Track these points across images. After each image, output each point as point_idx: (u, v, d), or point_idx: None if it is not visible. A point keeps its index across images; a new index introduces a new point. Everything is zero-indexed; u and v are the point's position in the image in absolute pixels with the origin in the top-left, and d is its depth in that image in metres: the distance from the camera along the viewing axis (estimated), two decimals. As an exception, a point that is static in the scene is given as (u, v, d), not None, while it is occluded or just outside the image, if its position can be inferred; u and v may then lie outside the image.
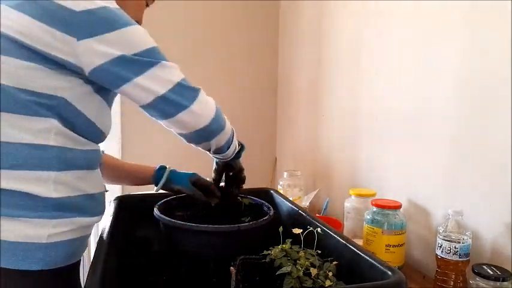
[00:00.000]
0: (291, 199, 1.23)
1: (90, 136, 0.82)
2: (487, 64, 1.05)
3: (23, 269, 0.72)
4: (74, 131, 0.78)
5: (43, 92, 0.73)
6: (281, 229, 0.85)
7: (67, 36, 0.71)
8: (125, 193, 1.89)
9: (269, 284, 0.75)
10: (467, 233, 1.03)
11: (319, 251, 0.80)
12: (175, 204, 1.06)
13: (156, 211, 0.95)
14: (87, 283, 0.66)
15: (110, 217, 0.97)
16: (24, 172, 0.72)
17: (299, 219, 1.01)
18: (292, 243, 0.82)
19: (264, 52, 2.34)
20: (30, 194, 0.72)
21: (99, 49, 0.73)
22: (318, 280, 0.72)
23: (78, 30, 0.72)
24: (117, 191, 2.01)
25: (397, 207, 1.18)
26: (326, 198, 1.69)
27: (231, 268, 0.79)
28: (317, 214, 1.61)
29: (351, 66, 1.65)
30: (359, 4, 1.59)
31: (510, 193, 0.99)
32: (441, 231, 1.06)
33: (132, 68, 0.77)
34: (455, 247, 1.02)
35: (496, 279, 0.92)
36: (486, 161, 1.06)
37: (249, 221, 0.94)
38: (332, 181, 1.81)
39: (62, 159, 0.76)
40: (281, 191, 1.67)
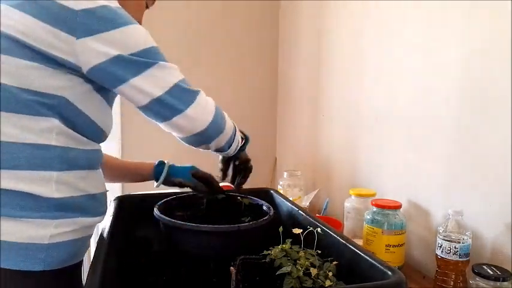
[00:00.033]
0: (291, 199, 1.23)
1: (91, 135, 0.82)
2: (487, 64, 1.05)
3: (25, 270, 0.72)
4: (76, 131, 0.78)
5: (44, 92, 0.73)
6: (281, 229, 0.85)
7: (67, 35, 0.71)
8: (125, 193, 1.90)
9: (269, 284, 0.74)
10: (467, 233, 1.03)
11: (319, 251, 0.80)
12: (175, 204, 1.06)
13: (156, 211, 0.95)
14: (87, 283, 0.66)
15: (110, 217, 0.97)
16: (26, 172, 0.72)
17: (299, 219, 1.01)
18: (292, 243, 0.82)
19: (264, 52, 2.33)
20: (32, 195, 0.72)
21: (96, 48, 0.73)
22: (318, 280, 0.72)
23: (77, 29, 0.72)
24: (117, 191, 2.01)
25: (397, 207, 1.18)
26: (326, 198, 1.69)
27: (231, 268, 0.79)
28: (317, 214, 1.61)
29: (351, 66, 1.65)
30: (359, 4, 1.59)
31: (510, 193, 0.99)
32: (441, 231, 1.06)
33: (129, 68, 0.76)
34: (455, 247, 1.02)
35: (496, 279, 0.92)
36: (486, 161, 1.06)
37: (249, 221, 0.94)
38: (332, 181, 1.81)
39: (64, 159, 0.76)
40: (281, 191, 1.67)
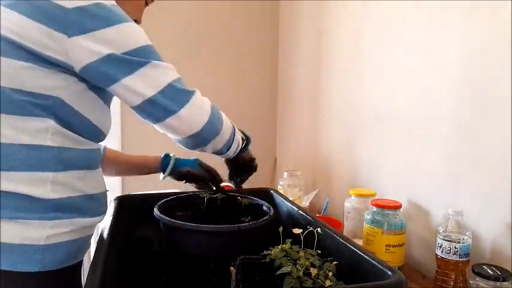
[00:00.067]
0: (291, 199, 1.23)
1: (88, 135, 0.81)
2: (487, 64, 1.05)
3: (22, 271, 0.71)
4: (72, 131, 0.77)
5: (38, 93, 0.72)
6: (281, 229, 0.84)
7: (60, 34, 0.70)
8: (125, 193, 1.90)
9: (269, 284, 0.74)
10: (467, 233, 1.03)
11: (319, 251, 0.80)
12: (175, 204, 1.06)
13: (156, 211, 0.95)
14: (87, 283, 0.66)
15: (110, 217, 0.97)
16: (21, 173, 0.71)
17: (299, 219, 1.01)
18: (292, 243, 0.82)
19: (264, 52, 2.33)
20: (28, 196, 0.72)
21: (88, 46, 0.71)
22: (318, 280, 0.71)
23: (69, 27, 0.70)
24: (117, 191, 2.01)
25: (397, 207, 1.18)
26: (326, 198, 1.69)
27: (231, 268, 0.79)
28: (317, 214, 1.61)
29: (351, 66, 1.65)
30: (359, 4, 1.59)
31: (510, 193, 0.99)
32: (441, 231, 1.06)
33: (121, 68, 0.74)
34: (455, 247, 1.02)
35: (496, 279, 0.92)
36: (486, 161, 1.06)
37: (249, 221, 0.94)
38: (332, 181, 1.81)
39: (60, 159, 0.75)
40: (281, 191, 1.67)
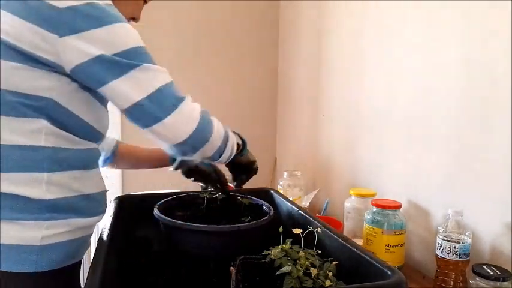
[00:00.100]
0: (291, 199, 1.23)
1: (84, 135, 0.80)
2: (487, 64, 1.05)
3: (16, 272, 0.71)
4: (67, 131, 0.76)
5: (30, 94, 0.72)
6: (281, 229, 0.84)
7: (51, 34, 0.69)
8: (125, 193, 1.89)
9: (269, 284, 0.74)
10: (467, 233, 1.03)
11: (319, 251, 0.80)
12: (175, 204, 1.06)
13: (156, 211, 0.95)
14: (87, 283, 0.66)
15: (110, 217, 0.97)
16: (17, 174, 0.71)
17: (299, 219, 1.01)
18: (292, 243, 0.82)
19: (264, 52, 2.33)
20: (24, 197, 0.71)
21: (78, 47, 0.70)
22: (318, 280, 0.71)
23: (60, 27, 0.69)
24: (117, 191, 2.01)
25: (397, 207, 1.18)
26: (326, 198, 1.69)
27: (231, 268, 0.79)
28: (317, 214, 1.61)
29: (351, 66, 1.65)
30: (359, 4, 1.59)
31: (510, 193, 0.99)
32: (441, 231, 1.06)
33: (110, 70, 0.72)
34: (455, 247, 1.02)
35: (496, 279, 0.92)
36: (486, 161, 1.06)
37: (249, 221, 0.94)
38: (332, 181, 1.81)
39: (54, 159, 0.74)
40: (281, 191, 1.67)
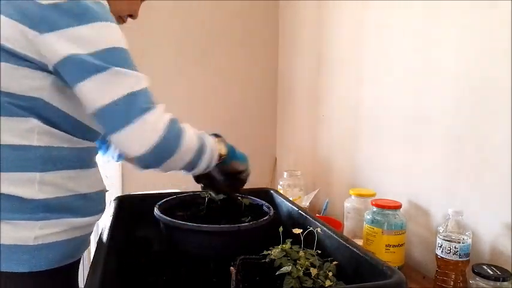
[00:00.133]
0: (291, 199, 1.23)
1: (80, 134, 0.79)
2: (487, 64, 1.05)
3: (14, 271, 0.71)
4: (60, 129, 0.75)
5: (19, 94, 0.71)
6: (281, 229, 0.84)
7: (32, 31, 0.68)
8: (125, 193, 1.90)
9: (269, 284, 0.74)
10: (467, 233, 1.03)
11: (319, 251, 0.80)
12: (175, 204, 1.06)
13: (156, 211, 0.95)
14: (87, 283, 0.66)
15: (110, 217, 0.97)
16: (9, 174, 0.71)
17: (299, 219, 1.01)
18: (292, 243, 0.82)
19: (264, 52, 2.33)
20: (17, 197, 0.71)
21: (55, 45, 0.68)
22: (318, 280, 0.72)
23: (40, 24, 0.68)
24: (117, 191, 2.01)
25: (397, 207, 1.18)
26: (326, 198, 1.69)
27: (231, 268, 0.79)
28: (317, 214, 1.61)
29: (351, 66, 1.65)
30: (359, 4, 1.59)
31: (510, 193, 0.99)
32: (441, 231, 1.06)
33: (81, 70, 0.69)
34: (455, 247, 1.02)
35: (496, 279, 0.92)
36: (486, 161, 1.06)
37: (249, 221, 0.94)
38: (332, 181, 1.81)
39: (47, 159, 0.73)
40: (281, 191, 1.67)
